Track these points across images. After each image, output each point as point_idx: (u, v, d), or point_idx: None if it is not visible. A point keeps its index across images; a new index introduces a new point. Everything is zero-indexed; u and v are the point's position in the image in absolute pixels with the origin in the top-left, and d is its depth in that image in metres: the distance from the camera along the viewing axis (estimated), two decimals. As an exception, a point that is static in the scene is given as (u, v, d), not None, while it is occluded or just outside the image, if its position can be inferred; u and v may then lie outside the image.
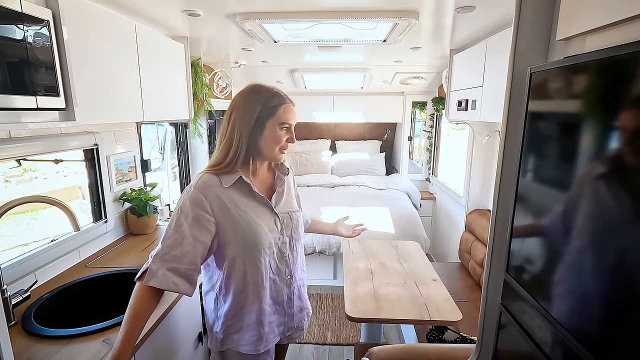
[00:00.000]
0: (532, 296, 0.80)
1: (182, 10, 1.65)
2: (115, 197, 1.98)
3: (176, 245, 1.02)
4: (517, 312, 0.89)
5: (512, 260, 0.92)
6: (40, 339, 1.12)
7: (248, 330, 1.15)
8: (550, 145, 0.80)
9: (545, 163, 0.83)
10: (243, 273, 1.11)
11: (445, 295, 1.75)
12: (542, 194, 0.83)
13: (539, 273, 0.82)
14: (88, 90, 1.29)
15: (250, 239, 1.08)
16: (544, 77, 0.79)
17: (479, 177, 2.67)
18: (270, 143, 1.09)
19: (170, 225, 1.04)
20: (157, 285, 0.99)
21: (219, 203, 1.06)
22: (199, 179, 1.07)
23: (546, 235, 0.80)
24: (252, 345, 1.16)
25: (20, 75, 1.00)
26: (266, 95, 1.09)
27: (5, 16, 0.95)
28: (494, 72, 1.88)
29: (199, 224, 1.03)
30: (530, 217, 0.88)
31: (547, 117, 0.83)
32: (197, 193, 1.04)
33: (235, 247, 1.08)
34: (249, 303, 1.13)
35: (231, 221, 1.07)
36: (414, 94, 4.22)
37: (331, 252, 3.01)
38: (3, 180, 1.69)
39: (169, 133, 3.07)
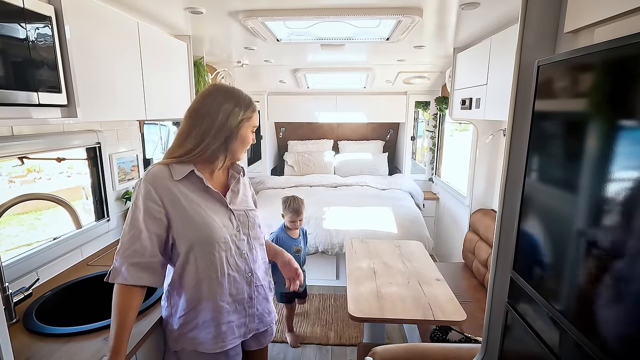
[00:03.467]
0: (541, 294, 0.78)
1: (185, 8, 1.65)
2: (117, 195, 1.97)
3: (135, 240, 1.02)
4: (524, 310, 0.87)
5: (518, 258, 0.91)
6: (42, 337, 1.11)
7: (204, 327, 1.12)
8: (558, 143, 0.78)
9: (553, 162, 0.81)
10: (196, 268, 1.09)
11: (449, 295, 1.74)
12: (551, 193, 0.81)
13: (547, 271, 0.80)
14: (90, 87, 1.29)
15: (203, 232, 1.08)
16: (552, 71, 0.77)
17: (483, 176, 2.65)
18: (243, 144, 1.14)
19: (127, 221, 1.05)
20: (122, 282, 1.01)
21: (168, 195, 1.06)
22: (148, 171, 1.08)
23: (554, 234, 0.79)
24: (208, 343, 1.13)
25: (22, 71, 0.99)
26: (245, 99, 1.13)
27: (8, 12, 0.94)
28: (498, 70, 1.87)
29: (152, 216, 1.04)
30: (539, 216, 0.86)
31: (555, 114, 0.81)
32: (147, 185, 1.05)
33: (187, 241, 1.08)
34: (204, 299, 1.11)
35: (182, 214, 1.06)
36: (417, 93, 4.20)
37: (334, 252, 3.00)
38: (7, 181, 1.69)
39: (172, 133, 3.07)
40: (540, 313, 0.79)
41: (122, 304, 1.00)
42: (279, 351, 2.44)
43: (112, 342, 0.95)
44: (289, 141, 4.93)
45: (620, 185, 0.58)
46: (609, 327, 0.60)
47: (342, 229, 3.01)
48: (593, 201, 0.65)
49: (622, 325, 0.57)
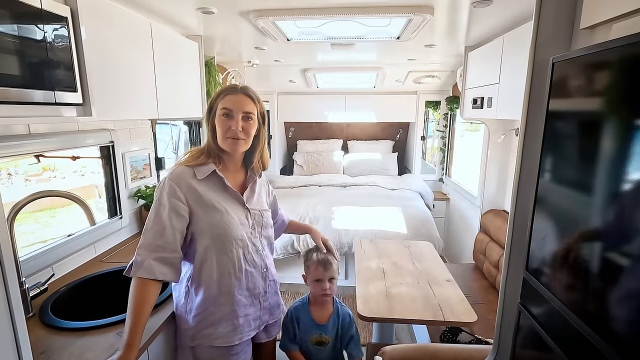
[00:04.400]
0: (555, 295, 0.77)
1: (197, 8, 1.66)
2: (130, 194, 2.01)
3: (158, 235, 1.05)
4: (537, 312, 0.86)
5: (531, 259, 0.89)
6: (57, 331, 1.13)
7: (222, 322, 1.15)
8: (573, 143, 0.77)
9: (568, 162, 0.79)
10: (216, 263, 1.13)
11: (459, 296, 1.72)
12: (565, 194, 0.79)
13: (561, 272, 0.79)
14: (104, 86, 1.31)
15: (222, 229, 1.11)
16: (568, 68, 0.76)
17: (495, 177, 2.62)
18: (219, 132, 1.13)
19: (150, 217, 1.07)
20: (145, 276, 1.02)
21: (192, 193, 1.10)
22: (173, 170, 1.12)
23: (569, 234, 0.77)
24: (225, 337, 1.16)
25: (40, 70, 1.02)
26: (223, 89, 1.15)
27: (27, 14, 0.97)
28: (511, 69, 1.84)
29: (176, 212, 1.07)
30: (553, 216, 0.85)
31: (570, 113, 0.80)
32: (171, 183, 1.09)
33: (207, 238, 1.11)
34: (222, 294, 1.14)
35: (204, 211, 1.10)
36: (427, 93, 4.17)
37: (343, 251, 2.99)
38: (24, 179, 1.73)
39: (183, 133, 3.10)
40: (554, 315, 0.78)
41: (139, 298, 1.01)
42: (288, 350, 2.44)
43: (127, 336, 0.96)
44: (298, 141, 4.94)
45: (636, 186, 0.57)
46: (626, 330, 0.59)
47: (351, 228, 3.01)
48: (609, 202, 0.63)
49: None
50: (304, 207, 3.26)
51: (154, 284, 1.04)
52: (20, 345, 0.69)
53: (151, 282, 1.03)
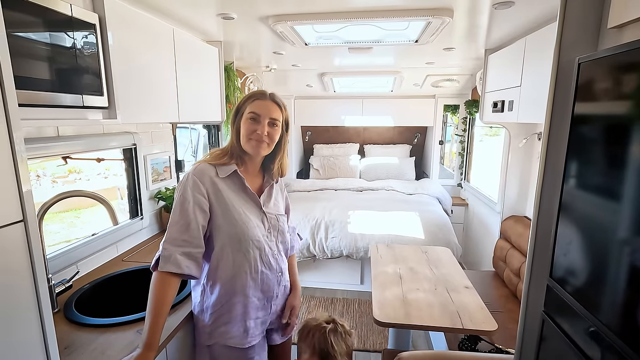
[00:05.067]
0: (582, 304, 0.74)
1: (218, 14, 1.70)
2: (150, 195, 2.06)
3: (184, 229, 1.06)
4: (562, 321, 0.83)
5: (556, 266, 0.86)
6: (80, 327, 1.17)
7: (235, 322, 1.16)
8: (601, 148, 0.74)
9: (595, 168, 0.76)
10: (232, 262, 1.13)
11: (478, 303, 1.67)
12: (592, 201, 0.77)
13: (588, 280, 0.76)
14: (128, 91, 1.35)
15: (239, 228, 1.13)
16: (594, 69, 0.73)
17: (516, 182, 2.55)
18: (243, 134, 1.15)
19: (175, 211, 1.09)
20: (173, 270, 1.03)
21: (213, 189, 1.12)
22: (196, 167, 1.14)
23: (597, 242, 0.74)
24: (238, 338, 1.17)
25: (70, 75, 1.06)
26: (252, 94, 1.17)
27: (58, 21, 1.01)
28: (534, 72, 1.80)
29: (200, 207, 1.09)
30: (579, 223, 0.82)
31: (597, 116, 0.77)
32: (195, 178, 1.10)
33: (224, 236, 1.12)
34: (237, 294, 1.15)
35: (223, 208, 1.12)
36: (445, 97, 4.12)
37: (358, 256, 2.97)
38: (51, 181, 1.80)
39: (202, 137, 3.17)
40: (580, 324, 0.75)
41: (159, 295, 1.03)
42: (303, 354, 2.43)
43: (147, 334, 0.98)
44: (314, 145, 4.95)
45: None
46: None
47: (367, 233, 2.99)
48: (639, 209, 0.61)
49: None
50: (320, 210, 3.26)
51: (175, 280, 1.06)
52: (47, 340, 0.71)
53: (173, 278, 1.05)
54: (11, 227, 0.61)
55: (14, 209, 0.61)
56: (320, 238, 3.04)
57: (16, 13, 0.90)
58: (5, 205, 0.61)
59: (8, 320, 0.63)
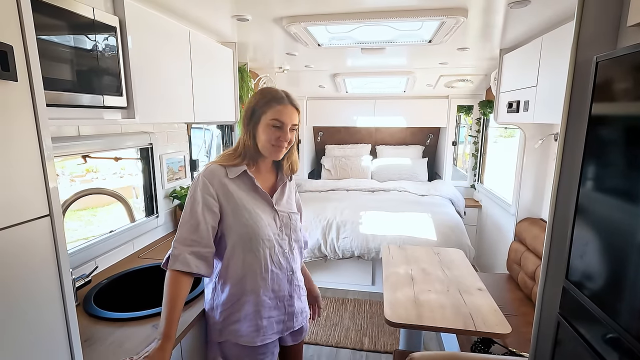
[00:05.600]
0: (600, 307, 0.73)
1: (232, 16, 1.73)
2: (165, 194, 2.10)
3: (193, 230, 1.09)
4: (579, 323, 0.81)
5: (573, 267, 0.85)
6: (99, 320, 1.20)
7: (246, 320, 1.17)
8: (620, 150, 0.72)
9: (614, 169, 0.75)
10: (242, 261, 1.15)
11: (492, 306, 1.65)
12: (611, 203, 0.75)
13: (607, 282, 0.75)
14: (146, 91, 1.39)
15: (250, 228, 1.14)
16: (613, 69, 0.72)
17: (531, 184, 2.51)
18: (263, 139, 1.14)
19: (185, 211, 1.11)
20: (181, 269, 1.06)
21: (223, 190, 1.13)
22: (207, 168, 1.16)
23: (616, 244, 0.73)
24: (249, 336, 1.18)
25: (91, 76, 1.10)
26: (269, 95, 1.15)
27: (81, 24, 1.05)
28: (550, 71, 1.77)
29: (209, 208, 1.11)
30: (598, 224, 0.80)
31: (616, 117, 0.76)
32: (205, 180, 1.12)
33: (235, 236, 1.14)
34: (247, 293, 1.17)
35: (233, 209, 1.13)
36: (459, 97, 4.07)
37: (370, 257, 2.97)
38: (69, 180, 1.86)
39: (215, 137, 3.21)
40: (598, 327, 0.73)
41: (173, 291, 1.06)
42: (313, 353, 2.45)
43: (163, 327, 1.01)
44: (326, 145, 4.96)
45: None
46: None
47: (378, 234, 2.98)
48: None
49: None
50: (332, 211, 3.26)
51: (186, 277, 1.08)
52: (70, 332, 0.74)
53: (184, 275, 1.08)
54: (38, 221, 0.64)
55: (41, 204, 0.64)
56: (332, 238, 3.05)
57: (42, 16, 0.94)
58: (33, 200, 0.64)
59: (34, 309, 0.66)
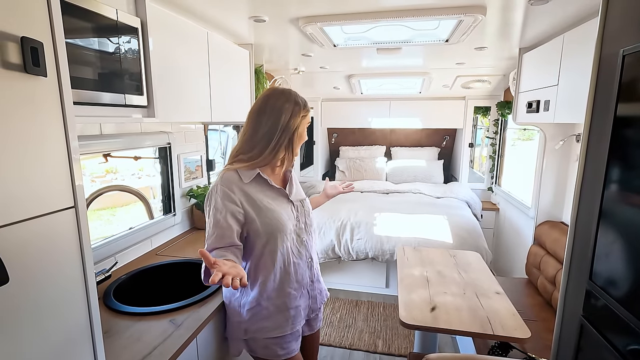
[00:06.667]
0: (629, 311, 0.70)
1: (250, 17, 1.75)
2: (183, 193, 2.14)
3: (219, 239, 1.10)
4: (604, 327, 0.78)
5: (596, 269, 0.82)
6: (118, 314, 1.23)
7: (275, 314, 1.21)
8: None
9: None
10: (271, 260, 1.18)
11: (510, 310, 1.61)
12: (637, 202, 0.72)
13: (634, 287, 0.72)
14: (165, 91, 1.42)
15: (274, 227, 1.17)
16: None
17: (551, 186, 2.44)
18: (300, 141, 1.22)
19: (209, 224, 1.13)
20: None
21: (244, 196, 1.15)
22: (222, 177, 1.16)
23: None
24: (279, 329, 1.22)
25: (113, 76, 1.13)
26: (301, 99, 1.22)
27: (105, 25, 1.08)
28: (572, 70, 1.72)
29: (233, 215, 1.12)
30: (621, 226, 0.78)
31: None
32: (225, 189, 1.13)
33: (263, 237, 1.16)
34: (275, 289, 1.20)
35: (257, 212, 1.16)
36: (476, 98, 4.01)
37: (384, 258, 2.94)
38: (90, 180, 1.91)
39: (230, 139, 3.26)
40: (624, 331, 0.71)
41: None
42: (327, 354, 2.44)
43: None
44: (340, 147, 4.96)
45: None
46: None
47: (393, 235, 2.95)
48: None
49: None
50: (346, 212, 3.25)
51: None
52: (93, 323, 0.76)
53: None
54: (64, 212, 0.66)
55: (67, 196, 0.66)
56: (346, 239, 3.04)
57: (68, 17, 0.97)
58: (59, 192, 0.66)
59: (59, 297, 0.68)
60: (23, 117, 0.60)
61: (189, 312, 1.24)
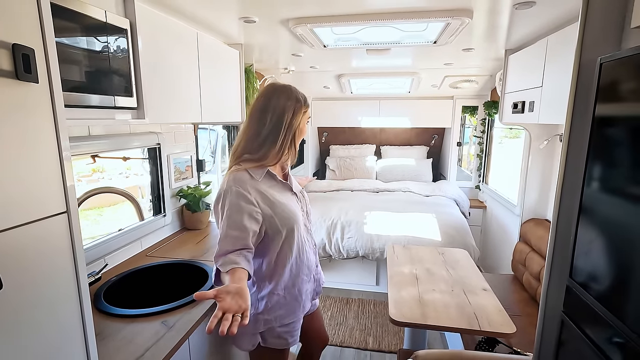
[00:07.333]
0: (604, 306, 0.73)
1: (240, 18, 1.75)
2: (173, 193, 2.12)
3: (236, 240, 1.08)
4: (582, 322, 0.82)
5: (576, 267, 0.86)
6: (109, 317, 1.23)
7: (291, 301, 1.26)
8: (625, 150, 0.73)
9: (619, 170, 0.75)
10: (289, 253, 1.22)
11: (497, 306, 1.66)
12: (615, 202, 0.76)
13: (610, 280, 0.75)
14: (155, 92, 1.41)
15: (292, 220, 1.20)
16: (617, 70, 0.73)
17: (536, 184, 2.51)
18: (300, 137, 1.25)
19: (224, 226, 1.10)
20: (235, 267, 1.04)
21: (259, 195, 1.15)
22: (234, 177, 1.14)
23: (621, 244, 0.74)
24: (293, 314, 1.27)
25: (102, 78, 1.13)
26: (302, 95, 1.23)
27: (93, 26, 1.08)
28: (555, 72, 1.77)
29: (251, 216, 1.11)
30: (602, 223, 0.81)
31: (620, 118, 0.77)
32: (240, 190, 1.11)
33: (282, 232, 1.18)
34: (291, 278, 1.25)
35: (273, 210, 1.17)
36: (464, 98, 4.07)
37: (374, 257, 2.98)
38: (76, 180, 1.89)
39: (220, 138, 3.24)
40: (602, 326, 0.74)
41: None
42: (318, 352, 2.46)
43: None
44: (331, 146, 4.98)
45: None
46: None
47: (383, 234, 2.99)
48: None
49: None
50: (336, 211, 3.28)
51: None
52: (86, 327, 0.76)
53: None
54: (56, 217, 0.66)
55: (59, 201, 0.67)
56: (336, 238, 3.06)
57: (57, 19, 0.96)
58: (51, 198, 0.66)
59: (53, 301, 0.68)
60: (15, 124, 0.60)
61: (181, 313, 1.25)
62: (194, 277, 1.56)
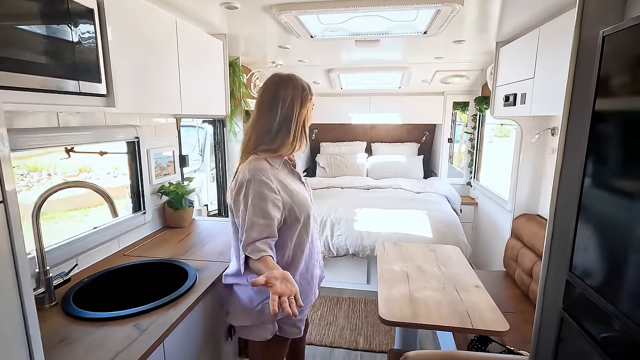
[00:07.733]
0: (609, 301, 0.68)
1: (221, 4, 1.66)
2: (153, 190, 2.03)
3: (264, 229, 1.10)
4: (584, 319, 0.76)
5: (576, 261, 0.80)
6: (77, 320, 1.14)
7: (305, 286, 1.29)
8: (631, 139, 0.67)
9: (624, 162, 0.69)
10: (306, 240, 1.25)
11: (489, 303, 1.61)
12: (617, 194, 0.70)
13: (612, 277, 0.70)
14: (128, 79, 1.32)
15: (305, 208, 1.22)
16: (624, 44, 0.67)
17: (528, 179, 2.47)
18: (308, 124, 1.26)
19: (248, 215, 1.11)
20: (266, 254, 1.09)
21: (279, 183, 1.18)
22: (254, 166, 1.15)
23: (623, 237, 0.68)
24: (307, 299, 1.31)
25: (66, 61, 1.03)
26: (306, 84, 1.26)
27: (54, 6, 0.98)
28: (548, 62, 1.73)
29: (274, 204, 1.13)
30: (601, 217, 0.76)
31: (627, 101, 0.70)
32: (263, 178, 1.13)
33: (300, 219, 1.20)
34: (306, 264, 1.28)
35: (291, 198, 1.19)
36: (455, 93, 4.04)
37: (365, 254, 2.92)
38: (62, 179, 1.80)
39: (209, 136, 3.15)
40: (605, 322, 0.69)
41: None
42: (307, 352, 2.38)
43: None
44: (321, 143, 4.91)
45: None
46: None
47: (373, 231, 2.93)
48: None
49: None
50: (326, 208, 3.21)
51: None
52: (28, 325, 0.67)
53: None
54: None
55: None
56: (326, 236, 2.99)
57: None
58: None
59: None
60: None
61: (156, 315, 1.16)
62: (174, 277, 1.47)
